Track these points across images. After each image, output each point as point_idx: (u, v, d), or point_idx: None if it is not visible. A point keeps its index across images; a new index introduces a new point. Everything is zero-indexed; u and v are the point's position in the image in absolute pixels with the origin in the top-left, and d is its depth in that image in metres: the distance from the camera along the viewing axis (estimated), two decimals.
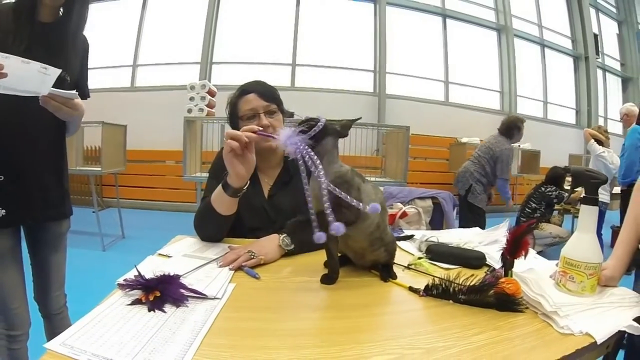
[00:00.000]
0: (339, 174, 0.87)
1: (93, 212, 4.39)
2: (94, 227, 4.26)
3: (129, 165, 4.86)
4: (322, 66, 7.44)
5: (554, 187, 4.15)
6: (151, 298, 0.77)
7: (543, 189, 4.20)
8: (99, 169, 4.23)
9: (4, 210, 1.27)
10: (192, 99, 4.64)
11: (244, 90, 1.35)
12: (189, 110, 4.56)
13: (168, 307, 0.76)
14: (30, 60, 1.06)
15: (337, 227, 0.75)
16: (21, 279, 1.40)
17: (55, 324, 1.55)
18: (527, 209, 4.23)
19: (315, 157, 0.80)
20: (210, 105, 4.74)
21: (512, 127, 4.05)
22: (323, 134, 0.87)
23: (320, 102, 6.73)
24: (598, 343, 0.70)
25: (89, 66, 1.50)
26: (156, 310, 0.75)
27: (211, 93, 4.76)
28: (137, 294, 0.80)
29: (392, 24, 7.68)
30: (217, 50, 7.32)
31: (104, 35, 7.41)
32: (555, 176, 4.24)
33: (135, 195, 6.56)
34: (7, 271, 1.33)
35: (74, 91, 1.21)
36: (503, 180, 4.06)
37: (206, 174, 4.03)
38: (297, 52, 7.41)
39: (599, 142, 4.23)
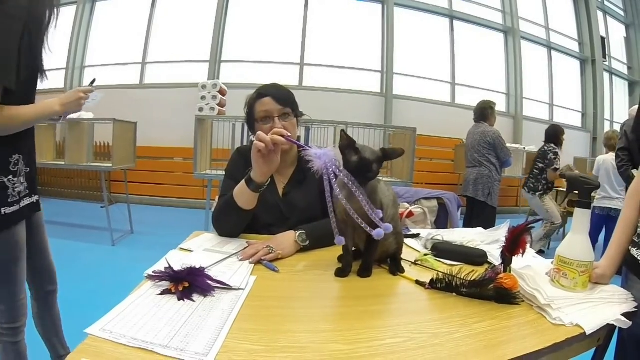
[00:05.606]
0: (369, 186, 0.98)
1: (102, 207, 4.45)
2: (103, 222, 4.35)
3: (137, 161, 4.91)
4: (329, 66, 7.44)
5: (553, 146, 4.34)
6: (181, 288, 0.83)
7: (546, 147, 4.39)
8: (110, 165, 4.28)
9: (37, 196, 1.41)
10: (203, 97, 4.68)
11: (261, 93, 1.40)
12: (201, 109, 4.61)
13: (196, 297, 0.82)
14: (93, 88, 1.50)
15: (379, 233, 0.91)
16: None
17: (50, 303, 1.64)
18: (535, 170, 4.42)
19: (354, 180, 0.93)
20: (221, 104, 4.79)
21: (485, 109, 4.16)
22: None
23: (328, 101, 6.73)
24: (587, 334, 0.77)
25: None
26: (185, 300, 0.81)
27: (222, 92, 4.81)
28: (166, 285, 0.86)
29: (400, 25, 7.68)
30: (226, 49, 7.31)
31: (114, 32, 7.51)
32: (554, 134, 4.44)
33: (143, 191, 6.59)
34: (22, 263, 1.36)
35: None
36: (509, 159, 4.13)
37: (216, 172, 4.13)
38: (305, 52, 7.42)
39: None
